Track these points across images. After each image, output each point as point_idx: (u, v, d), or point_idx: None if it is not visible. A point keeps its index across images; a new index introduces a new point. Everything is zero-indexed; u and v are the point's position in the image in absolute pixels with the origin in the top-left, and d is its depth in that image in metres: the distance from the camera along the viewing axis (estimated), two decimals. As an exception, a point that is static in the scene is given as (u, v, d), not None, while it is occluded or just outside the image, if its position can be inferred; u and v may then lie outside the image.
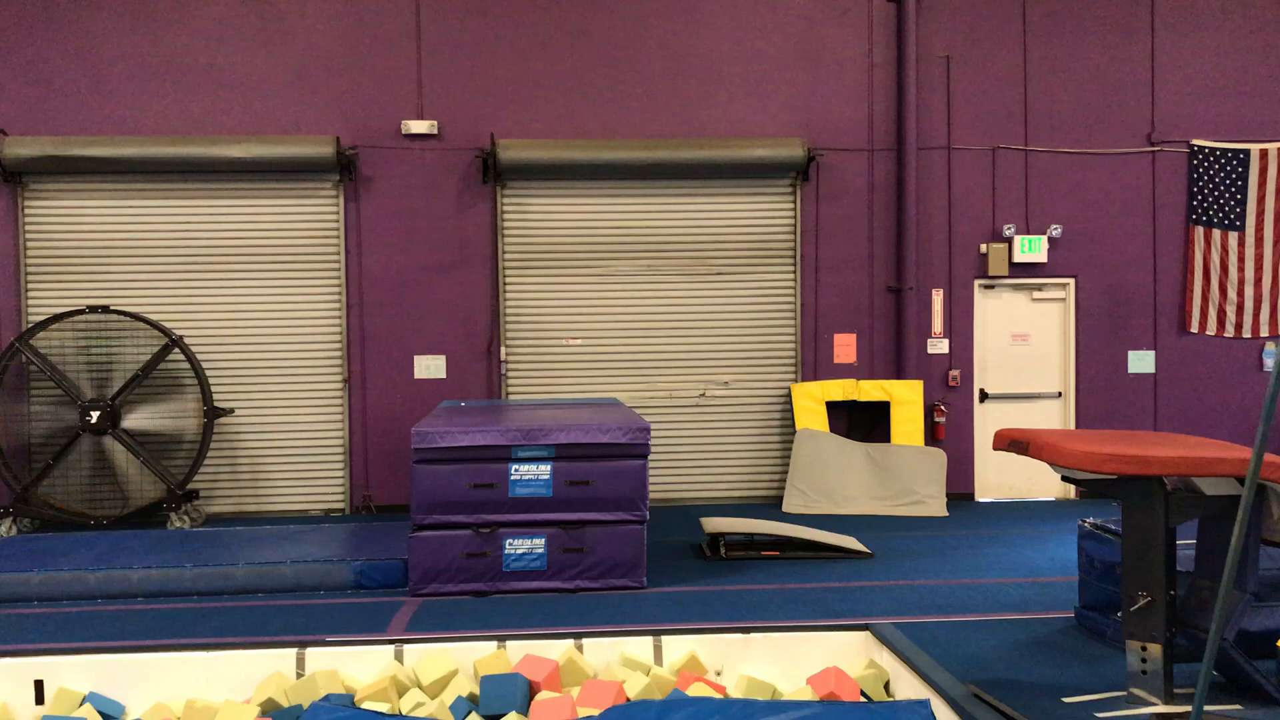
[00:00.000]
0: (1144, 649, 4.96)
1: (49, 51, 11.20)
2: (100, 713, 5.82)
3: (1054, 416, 12.15)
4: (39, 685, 6.00)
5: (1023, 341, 12.11)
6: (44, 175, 11.16)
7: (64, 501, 10.86)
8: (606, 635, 6.40)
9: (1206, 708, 4.64)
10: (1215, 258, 11.99)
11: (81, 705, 5.86)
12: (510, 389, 11.67)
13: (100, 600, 7.72)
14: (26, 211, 11.26)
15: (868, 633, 6.37)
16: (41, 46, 11.19)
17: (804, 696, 5.87)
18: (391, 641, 6.30)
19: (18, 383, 10.87)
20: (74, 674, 6.02)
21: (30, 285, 11.26)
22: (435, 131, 11.46)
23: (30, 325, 10.89)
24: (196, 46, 11.32)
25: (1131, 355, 12.05)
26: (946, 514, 11.02)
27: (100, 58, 11.25)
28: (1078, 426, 11.98)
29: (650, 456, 7.98)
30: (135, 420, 10.80)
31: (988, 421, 11.95)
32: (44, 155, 10.87)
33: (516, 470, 7.72)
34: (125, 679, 6.04)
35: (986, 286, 12.05)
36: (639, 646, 6.30)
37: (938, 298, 11.90)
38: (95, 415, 10.48)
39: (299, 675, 6.05)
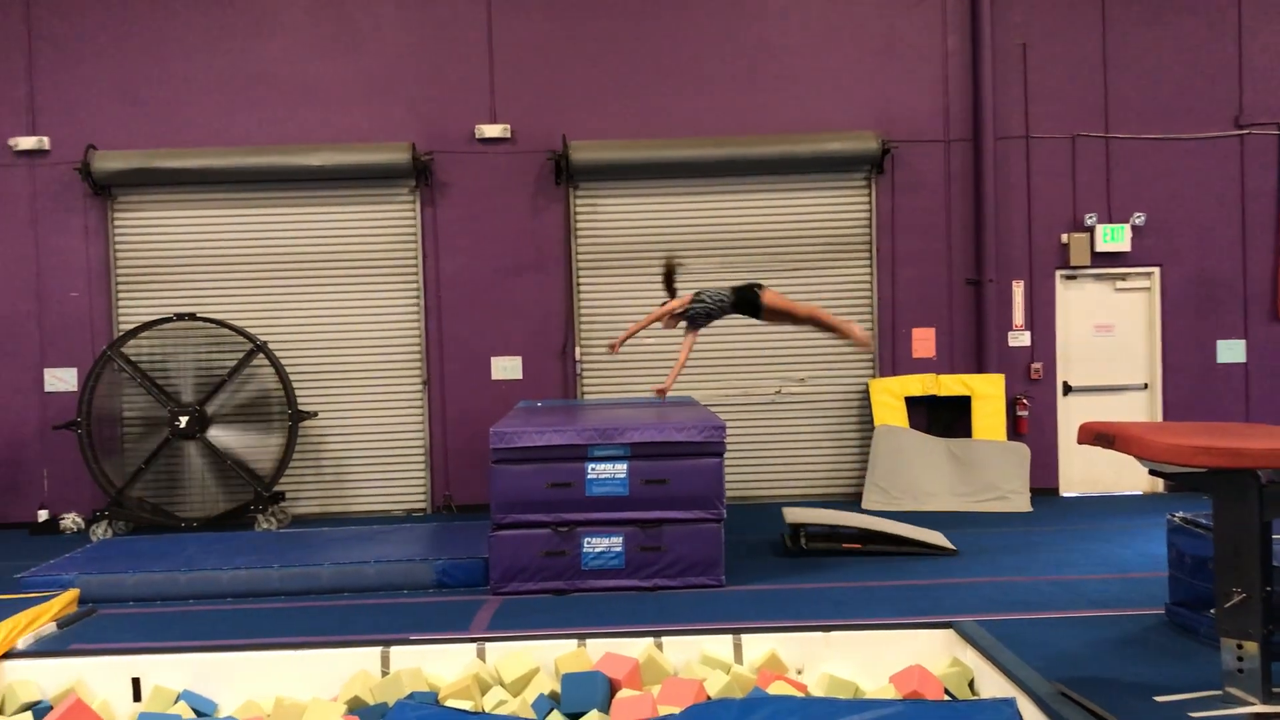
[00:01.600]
0: (1240, 647, 4.82)
1: (135, 68, 11.52)
2: (194, 710, 5.96)
3: (1140, 409, 11.87)
4: (136, 683, 6.16)
5: (1106, 332, 11.85)
6: (132, 188, 11.49)
7: (156, 504, 11.17)
8: (686, 634, 6.39)
9: (1306, 707, 4.51)
10: (1308, 243, 11.61)
11: (176, 702, 6.01)
12: (585, 389, 11.73)
13: (192, 600, 7.92)
14: (115, 223, 11.59)
15: (951, 630, 6.27)
16: (128, 64, 11.51)
17: (887, 695, 5.81)
18: (474, 640, 6.36)
19: (110, 390, 11.19)
20: (168, 672, 6.17)
21: (120, 294, 11.59)
22: (508, 135, 11.55)
23: (121, 333, 11.21)
24: (275, 59, 11.56)
25: (1220, 345, 11.71)
26: (1030, 509, 10.82)
27: (183, 72, 11.54)
28: (1165, 418, 11.68)
29: (726, 454, 7.95)
30: (222, 424, 11.05)
31: (1072, 415, 11.71)
32: (131, 168, 11.19)
33: (593, 469, 7.75)
34: (217, 677, 6.18)
35: (1068, 277, 11.81)
36: (719, 645, 6.28)
37: (1018, 289, 11.69)
38: (184, 420, 10.75)
39: (384, 673, 6.14)
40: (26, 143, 11.42)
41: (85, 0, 11.48)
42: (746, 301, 8.62)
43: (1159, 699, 4.97)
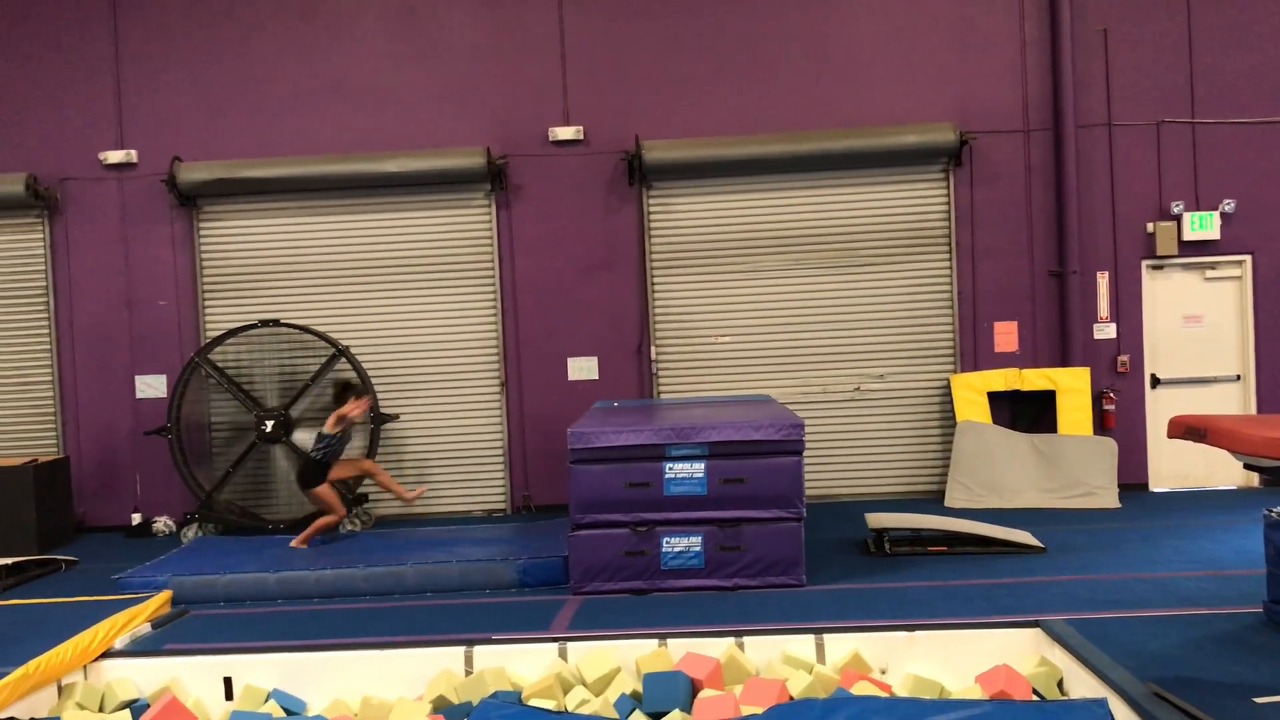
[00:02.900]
0: (1343, 646, 4.66)
1: (217, 81, 11.79)
2: (283, 708, 6.08)
3: (1233, 401, 11.54)
4: (228, 682, 6.30)
5: (1195, 323, 11.54)
6: (215, 197, 11.76)
7: (244, 507, 11.41)
8: (767, 633, 6.36)
9: None
10: None
11: (266, 701, 6.13)
12: (661, 388, 11.73)
13: (280, 601, 8.09)
14: (201, 232, 11.88)
15: (1038, 629, 6.16)
16: (210, 77, 11.79)
17: (973, 695, 5.72)
18: (555, 639, 6.40)
19: (198, 395, 11.48)
20: (259, 671, 6.30)
21: (206, 302, 11.87)
22: (581, 137, 11.60)
23: (208, 340, 11.48)
24: (351, 68, 11.75)
25: (1318, 334, 11.34)
26: (1119, 505, 10.58)
27: (264, 84, 11.79)
28: (1259, 411, 11.34)
29: (805, 453, 7.90)
30: (307, 428, 11.24)
31: (1160, 408, 11.43)
32: (215, 178, 11.45)
33: (671, 469, 7.75)
34: (305, 676, 6.29)
35: (1155, 267, 11.52)
36: (801, 645, 6.24)
37: (1103, 280, 11.44)
38: (270, 424, 10.97)
39: (468, 673, 6.20)
40: (115, 156, 11.76)
41: (170, 17, 11.79)
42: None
43: (1258, 700, 4.82)
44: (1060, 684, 5.84)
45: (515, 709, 5.31)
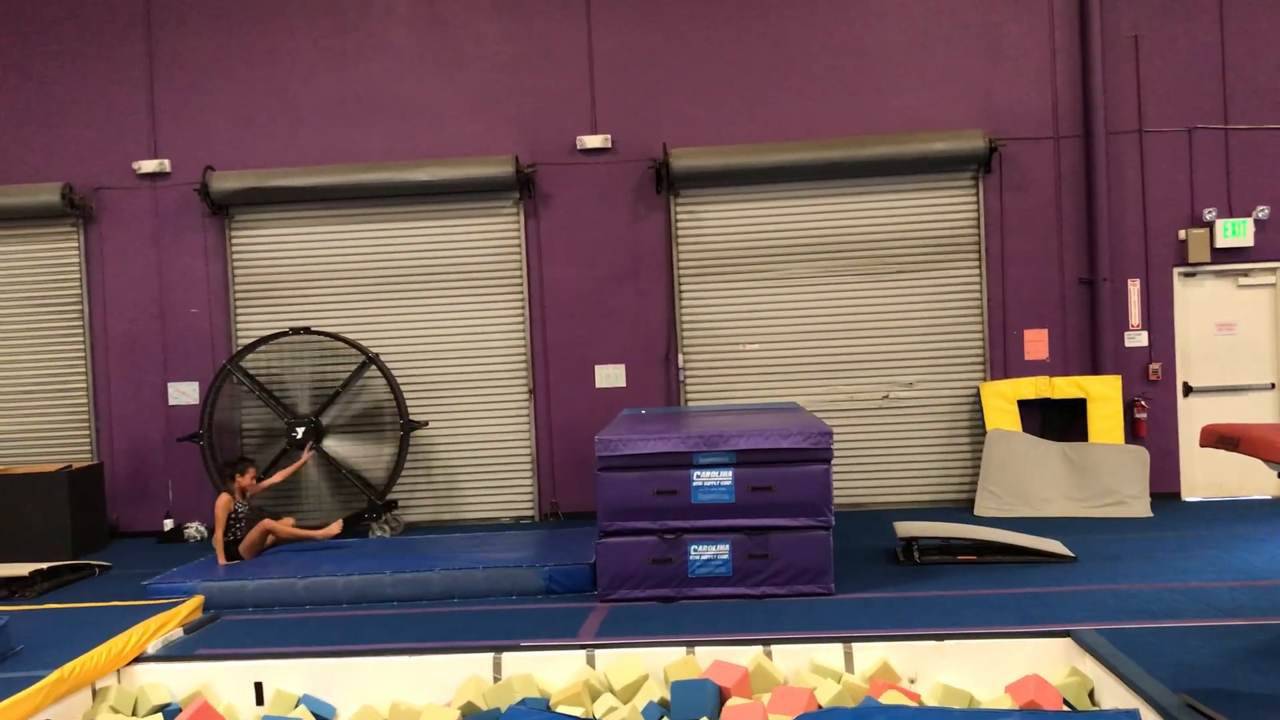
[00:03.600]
0: (1380, 658, 4.59)
1: (249, 91, 11.91)
2: (313, 714, 6.11)
3: (1267, 409, 11.41)
4: (259, 687, 6.34)
5: (1228, 331, 11.43)
6: (247, 206, 11.87)
7: (273, 513, 11.47)
8: (795, 642, 6.34)
9: None
10: None
11: (296, 706, 6.16)
12: (689, 395, 11.73)
13: (308, 606, 8.14)
14: (233, 241, 11.99)
15: (1069, 639, 6.11)
16: (242, 88, 11.91)
17: (1003, 705, 5.68)
18: (583, 646, 6.40)
19: (230, 402, 11.58)
20: (289, 676, 6.34)
21: (238, 309, 11.98)
22: (609, 145, 11.63)
23: (240, 347, 11.58)
24: (381, 78, 11.84)
25: (1354, 342, 11.21)
26: (1151, 515, 10.48)
27: (295, 94, 11.89)
28: (1295, 419, 11.22)
29: (834, 461, 7.88)
30: (337, 435, 11.34)
31: (1193, 416, 11.32)
32: (247, 188, 11.56)
33: (698, 477, 7.74)
34: (335, 682, 6.32)
35: (1187, 274, 11.42)
36: (829, 653, 6.21)
37: (1134, 288, 11.35)
38: (301, 431, 11.05)
39: (496, 679, 6.22)
40: (149, 166, 11.90)
41: (203, 29, 11.93)
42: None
43: (1294, 712, 4.77)
44: (1091, 694, 5.79)
45: (543, 716, 5.32)
